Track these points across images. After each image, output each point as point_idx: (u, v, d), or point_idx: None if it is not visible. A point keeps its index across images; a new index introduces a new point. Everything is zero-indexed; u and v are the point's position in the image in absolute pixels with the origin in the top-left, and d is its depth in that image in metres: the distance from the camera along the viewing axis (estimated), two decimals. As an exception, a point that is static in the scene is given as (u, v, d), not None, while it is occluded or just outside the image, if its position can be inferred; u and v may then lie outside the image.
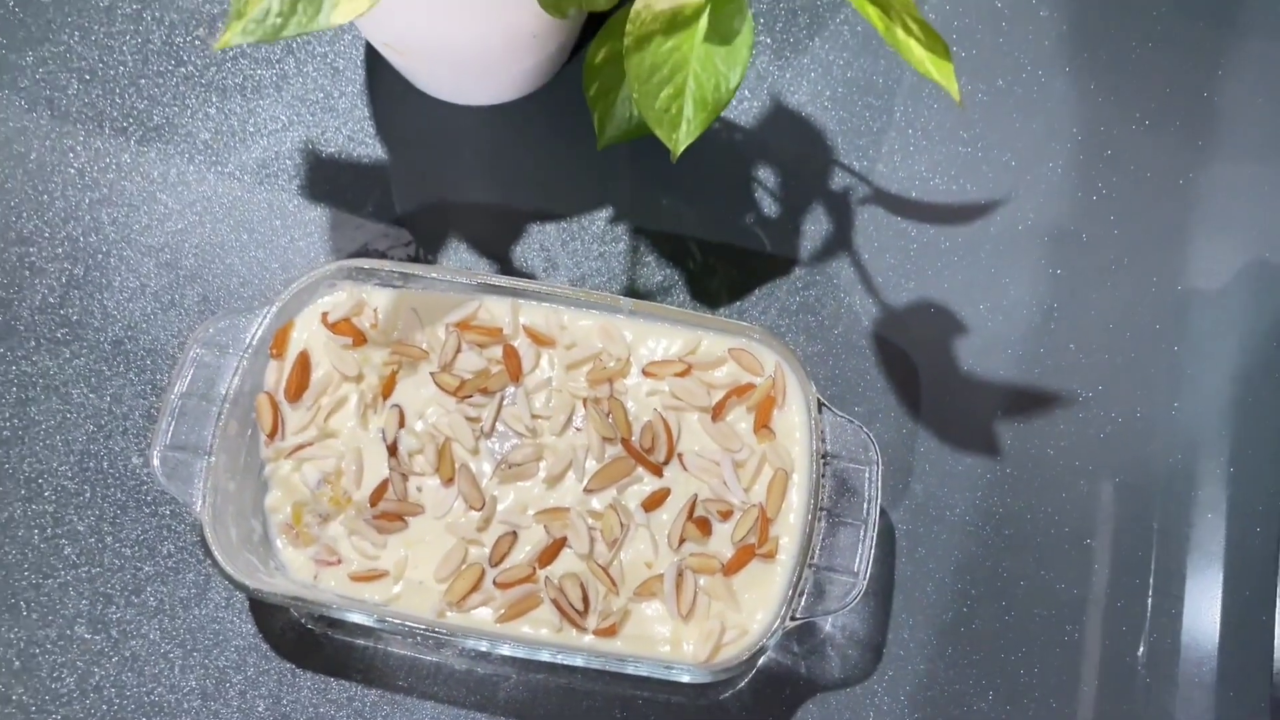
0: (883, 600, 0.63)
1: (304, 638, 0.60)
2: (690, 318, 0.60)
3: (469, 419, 0.60)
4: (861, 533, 0.56)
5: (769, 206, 0.68)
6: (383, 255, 0.66)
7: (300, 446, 0.59)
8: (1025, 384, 0.66)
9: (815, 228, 0.68)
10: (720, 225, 0.68)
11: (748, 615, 0.56)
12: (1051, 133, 0.69)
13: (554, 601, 0.56)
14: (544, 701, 0.59)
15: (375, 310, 0.60)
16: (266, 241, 0.67)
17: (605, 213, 0.68)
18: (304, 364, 0.60)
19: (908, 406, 0.65)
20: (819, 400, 0.57)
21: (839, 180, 0.69)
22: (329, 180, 0.68)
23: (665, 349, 0.60)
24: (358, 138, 0.72)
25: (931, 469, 0.64)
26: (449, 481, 0.59)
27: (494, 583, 0.57)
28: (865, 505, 0.57)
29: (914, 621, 0.62)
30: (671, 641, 0.56)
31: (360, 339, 0.60)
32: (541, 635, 0.56)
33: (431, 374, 0.60)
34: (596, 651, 0.55)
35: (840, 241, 0.69)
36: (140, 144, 0.68)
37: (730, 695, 0.60)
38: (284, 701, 0.59)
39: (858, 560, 0.56)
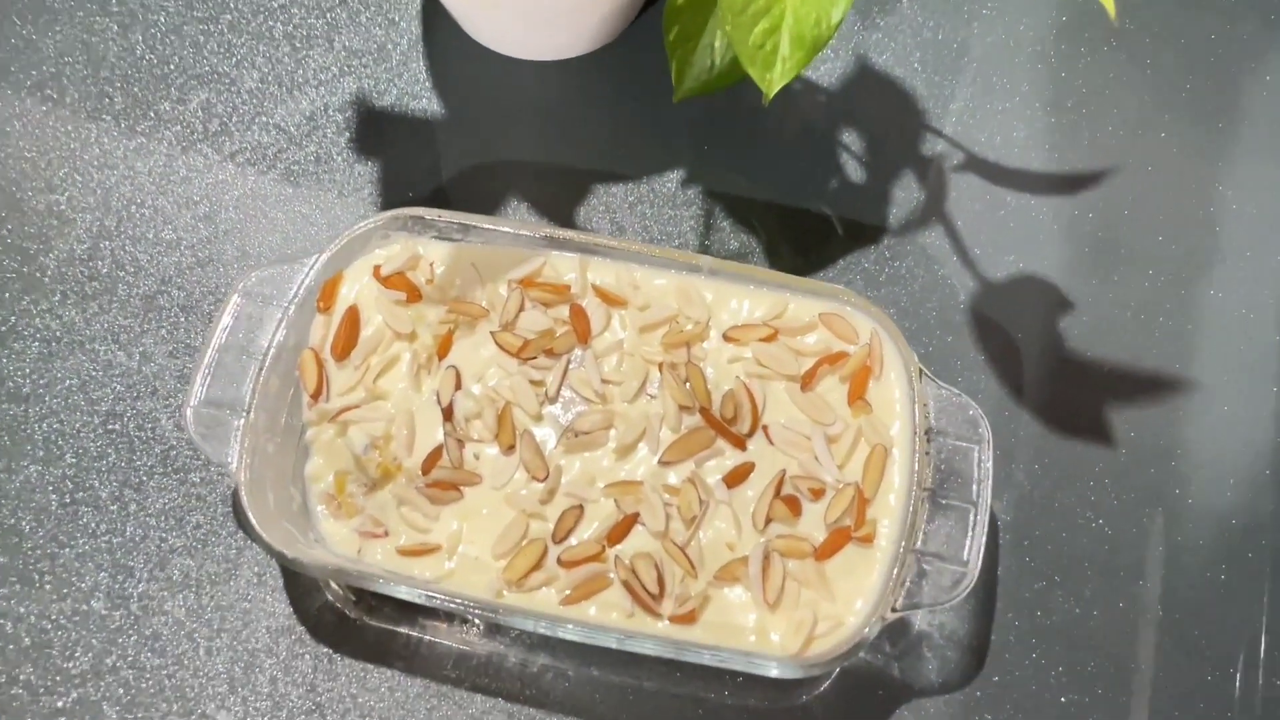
0: (984, 597, 0.56)
1: (343, 621, 0.55)
2: (776, 278, 0.56)
3: (532, 382, 0.55)
4: (971, 517, 0.51)
5: (853, 172, 0.65)
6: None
7: (347, 409, 0.54)
8: (1139, 368, 0.62)
9: (904, 195, 0.65)
10: (800, 190, 0.64)
11: (843, 605, 0.51)
12: (1161, 104, 0.66)
13: (625, 583, 0.51)
14: (607, 699, 0.53)
15: (431, 264, 0.56)
16: (312, 197, 0.64)
17: (676, 174, 0.65)
18: (353, 320, 0.56)
19: (1009, 388, 0.60)
20: (921, 370, 0.52)
21: (929, 147, 0.66)
22: (380, 135, 0.65)
23: (749, 312, 0.56)
24: (412, 91, 0.67)
25: (1036, 455, 0.59)
26: (509, 449, 0.54)
27: (558, 561, 0.51)
28: (974, 487, 0.52)
29: (1020, 623, 0.56)
30: (757, 631, 0.50)
31: (415, 295, 0.56)
32: (612, 620, 0.50)
33: (492, 333, 0.55)
34: (672, 640, 0.50)
35: (932, 210, 0.65)
36: (181, 91, 0.63)
37: (813, 697, 0.54)
38: (319, 690, 0.54)
39: (967, 547, 0.51)
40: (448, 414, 0.55)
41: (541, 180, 0.63)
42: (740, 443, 0.54)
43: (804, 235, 0.64)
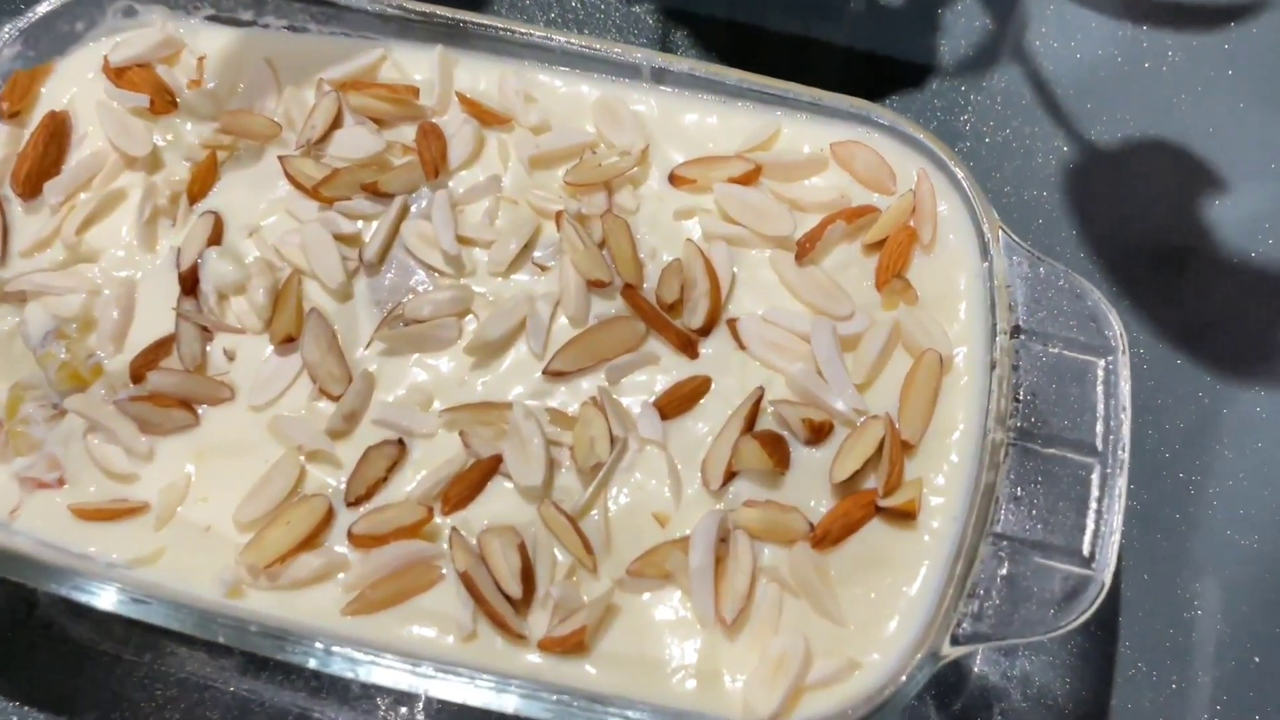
0: (1102, 626, 0.41)
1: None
2: (760, 84, 0.41)
3: (338, 238, 0.40)
4: (1095, 480, 0.34)
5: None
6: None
7: (29, 275, 0.39)
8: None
9: (961, 23, 0.52)
10: (815, 8, 0.51)
11: (862, 631, 0.34)
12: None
13: (465, 579, 0.34)
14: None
15: (201, 59, 0.43)
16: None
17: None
18: (57, 133, 0.41)
19: (1130, 289, 0.45)
20: (1003, 230, 0.38)
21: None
22: None
23: (713, 139, 0.41)
24: None
25: (1184, 402, 0.44)
26: (285, 344, 0.38)
27: (348, 536, 0.35)
28: (1100, 426, 0.35)
29: (1159, 669, 0.40)
30: (702, 673, 0.34)
31: (166, 102, 0.42)
32: (436, 647, 0.34)
33: (281, 159, 0.41)
34: (545, 685, 0.33)
35: (1004, 46, 0.51)
36: None
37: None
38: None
39: (1089, 533, 0.34)
40: (189, 286, 0.39)
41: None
42: (688, 344, 0.38)
43: (823, 59, 0.51)
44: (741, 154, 0.40)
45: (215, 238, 0.39)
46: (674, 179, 0.40)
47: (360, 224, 0.39)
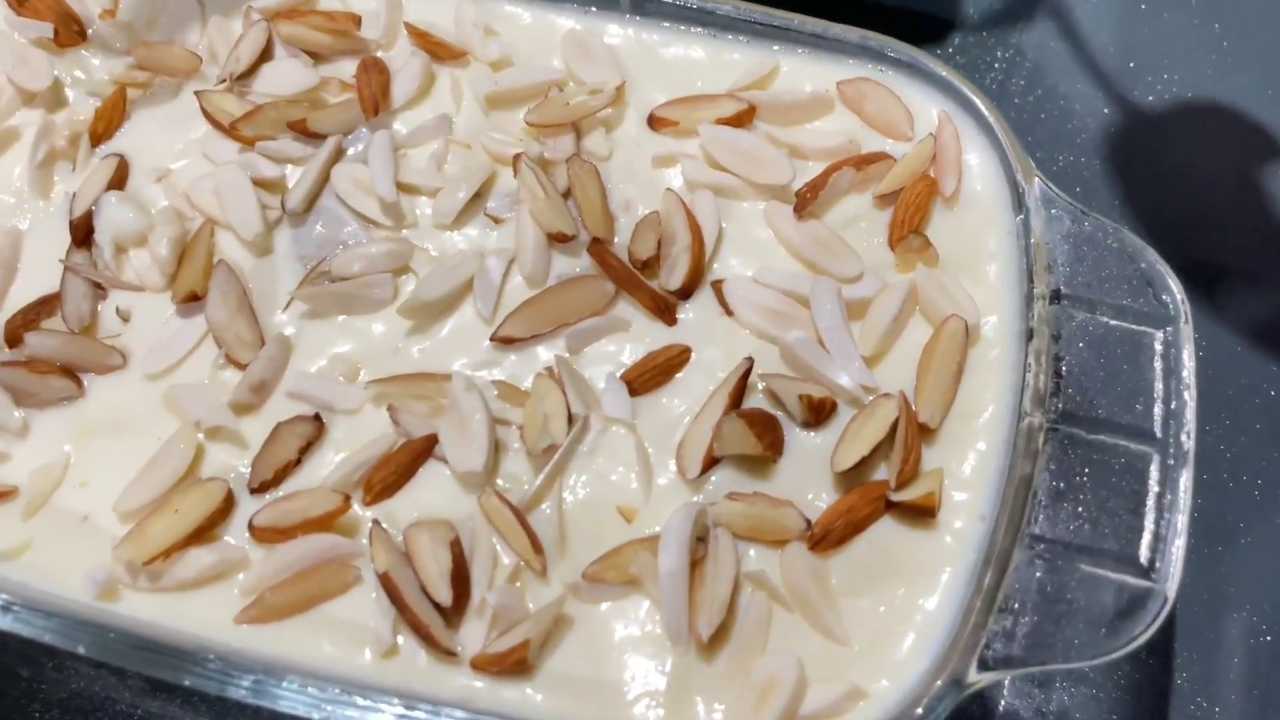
0: (1155, 653, 0.36)
1: None
2: (759, 16, 0.37)
3: (259, 183, 0.35)
4: (1153, 474, 0.30)
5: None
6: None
7: None
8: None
9: None
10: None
11: (870, 651, 0.29)
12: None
13: (385, 582, 0.29)
14: None
15: None
16: None
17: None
18: None
19: (1196, 269, 0.40)
20: (1041, 182, 0.34)
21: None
22: None
23: (700, 78, 0.37)
24: None
25: (1246, 395, 0.40)
26: (189, 303, 0.33)
27: (249, 528, 0.31)
28: (1158, 410, 0.30)
29: (1223, 705, 0.35)
30: (671, 700, 0.29)
31: (74, 32, 0.38)
32: (348, 665, 0.29)
33: (198, 94, 0.36)
34: (477, 711, 0.28)
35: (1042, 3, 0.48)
36: None
37: None
38: None
39: (1148, 537, 0.29)
40: (82, 236, 0.35)
41: None
42: (664, 308, 0.34)
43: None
44: (733, 93, 0.36)
45: (118, 183, 0.35)
46: (654, 121, 0.36)
47: (288, 169, 0.34)
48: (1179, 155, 0.46)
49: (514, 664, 0.27)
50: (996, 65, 0.47)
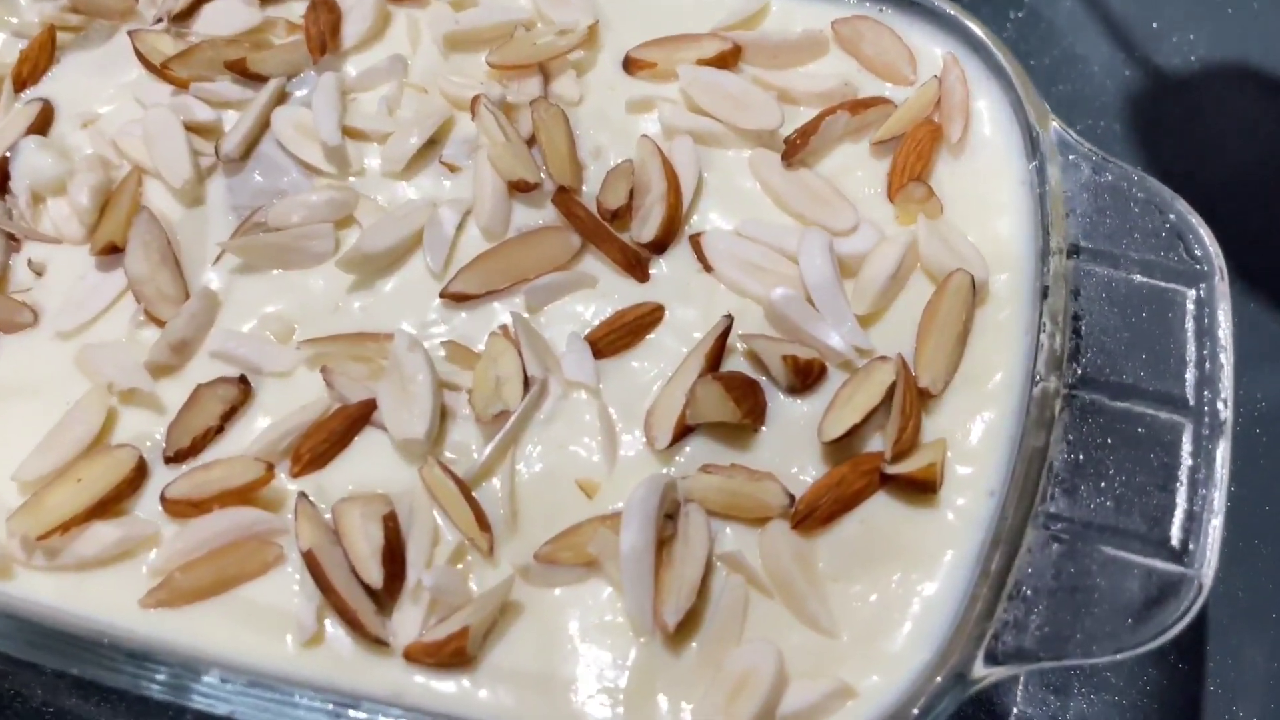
0: (1185, 652, 0.33)
1: None
2: None
3: (191, 128, 0.33)
4: (1190, 441, 0.26)
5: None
6: None
7: None
8: None
9: None
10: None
11: (858, 643, 0.26)
12: None
13: (309, 560, 0.26)
14: None
15: None
16: None
17: None
18: None
19: (1224, 236, 0.33)
20: (1057, 126, 0.31)
21: None
22: None
23: (680, 18, 0.34)
24: None
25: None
26: (109, 254, 0.31)
27: (162, 500, 0.27)
28: (1191, 375, 0.27)
29: (1263, 715, 0.32)
30: (632, 698, 0.25)
31: None
32: (262, 652, 0.25)
33: (131, 34, 0.34)
34: (409, 708, 0.25)
35: None
36: None
37: None
38: None
39: (1181, 516, 0.26)
40: None
41: None
42: (635, 263, 0.31)
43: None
44: (717, 32, 0.33)
45: (40, 128, 0.32)
46: (630, 64, 0.33)
47: (226, 114, 0.31)
48: (1206, 120, 0.45)
49: (452, 654, 0.24)
50: (1010, 25, 0.45)
